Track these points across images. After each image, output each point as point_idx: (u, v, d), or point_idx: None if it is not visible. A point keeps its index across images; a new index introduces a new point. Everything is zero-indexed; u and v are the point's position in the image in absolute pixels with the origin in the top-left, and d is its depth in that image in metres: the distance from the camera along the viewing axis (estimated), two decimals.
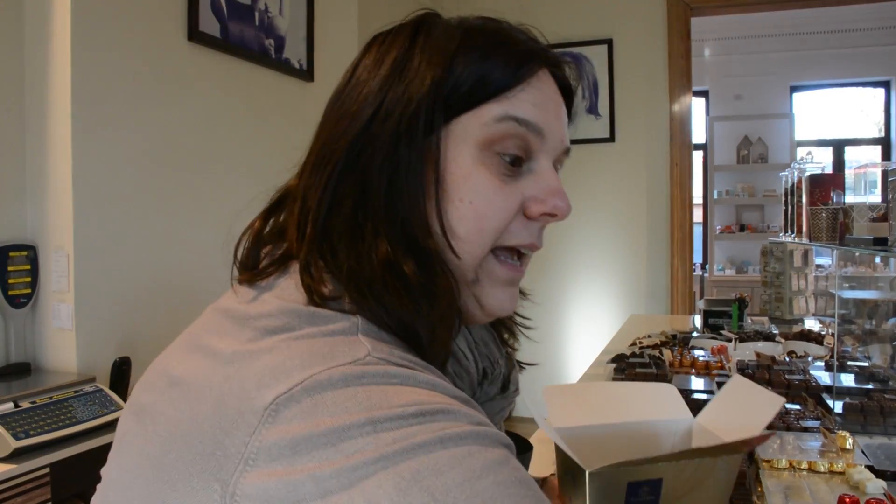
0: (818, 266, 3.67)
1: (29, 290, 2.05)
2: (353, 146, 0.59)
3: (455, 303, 0.58)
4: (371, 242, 0.56)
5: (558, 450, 0.73)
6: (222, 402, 0.48)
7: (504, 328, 0.75)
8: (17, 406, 1.71)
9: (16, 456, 1.61)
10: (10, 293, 2.00)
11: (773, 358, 2.34)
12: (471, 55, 0.60)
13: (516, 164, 0.61)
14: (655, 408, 0.81)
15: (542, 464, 0.97)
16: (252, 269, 0.60)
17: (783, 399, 0.66)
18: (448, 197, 0.59)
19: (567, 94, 0.68)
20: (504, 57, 0.61)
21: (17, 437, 1.61)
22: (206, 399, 0.49)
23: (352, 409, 0.45)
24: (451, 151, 0.59)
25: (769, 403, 0.73)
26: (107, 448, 1.64)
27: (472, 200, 0.59)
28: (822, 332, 2.84)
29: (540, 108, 0.61)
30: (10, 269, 2.00)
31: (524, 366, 0.78)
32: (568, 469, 0.72)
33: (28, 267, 2.05)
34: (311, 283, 0.55)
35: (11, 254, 2.01)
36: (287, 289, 0.56)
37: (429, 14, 0.65)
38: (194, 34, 2.44)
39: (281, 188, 0.66)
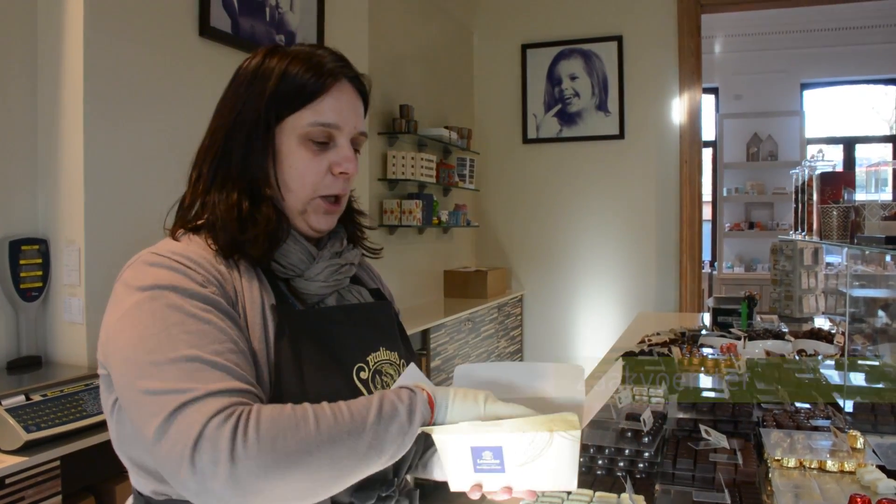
0: (828, 264, 3.65)
1: (40, 284, 2.06)
2: (226, 137, 0.99)
3: (273, 226, 0.97)
4: (228, 194, 0.97)
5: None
6: None
7: (350, 226, 1.14)
8: (28, 399, 1.71)
9: (27, 448, 1.62)
10: (22, 286, 2.01)
11: (782, 356, 2.33)
12: (293, 74, 0.97)
13: (324, 144, 0.98)
14: (554, 386, 0.95)
15: None
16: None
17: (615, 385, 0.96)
18: (282, 166, 0.98)
19: (363, 94, 1.05)
20: (313, 75, 0.97)
21: (28, 430, 1.62)
22: None
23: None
24: (283, 138, 0.98)
25: (608, 389, 1.00)
26: None
27: (296, 167, 0.98)
28: (833, 331, 2.82)
29: (337, 110, 0.98)
30: (21, 262, 2.01)
31: (372, 251, 1.18)
32: None
33: (40, 261, 2.06)
34: (179, 222, 1.01)
35: (23, 247, 2.02)
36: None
37: (276, 44, 1.03)
38: (206, 29, 2.45)
39: None
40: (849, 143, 7.23)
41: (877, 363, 2.12)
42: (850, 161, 7.14)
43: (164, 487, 0.90)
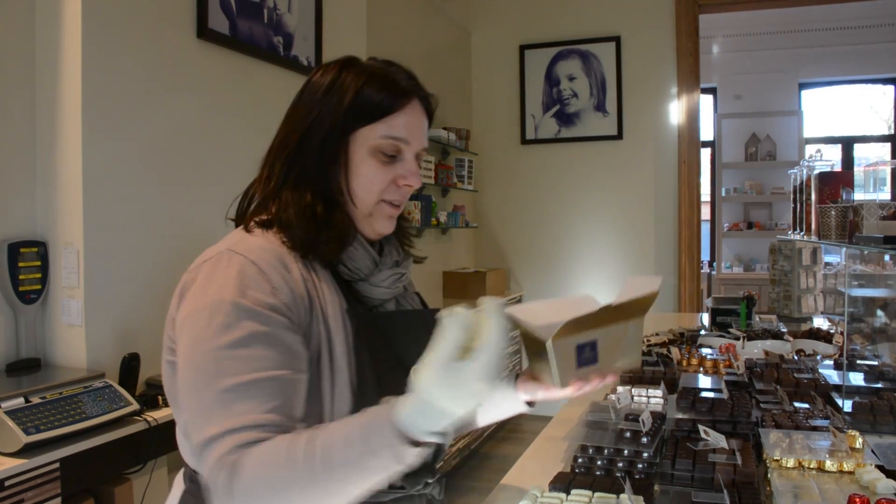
0: (827, 264, 3.65)
1: (39, 286, 2.06)
2: (300, 140, 1.04)
3: (346, 229, 1.03)
4: (302, 195, 1.03)
5: (524, 342, 1.09)
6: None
7: (401, 239, 1.20)
8: (27, 401, 1.71)
9: (26, 451, 1.62)
10: (21, 289, 2.01)
11: (781, 356, 2.33)
12: (370, 90, 1.03)
13: (392, 157, 1.05)
14: (581, 308, 1.12)
15: None
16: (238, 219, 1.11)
17: (660, 277, 1.07)
18: (352, 173, 1.05)
19: (428, 112, 1.12)
20: (388, 92, 1.04)
21: (27, 433, 1.62)
22: None
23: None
24: (355, 147, 1.04)
25: (652, 280, 1.10)
26: (116, 444, 1.71)
27: (365, 176, 1.04)
28: (831, 331, 2.83)
29: (408, 126, 1.05)
30: (20, 264, 2.01)
31: (419, 259, 1.23)
32: (534, 351, 1.05)
33: (38, 263, 2.06)
34: (251, 215, 1.07)
35: (22, 250, 2.02)
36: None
37: (350, 57, 1.09)
38: (204, 31, 2.45)
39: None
40: (847, 143, 7.24)
41: (875, 363, 2.12)
42: (848, 161, 7.15)
43: None
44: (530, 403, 1.24)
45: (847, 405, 1.74)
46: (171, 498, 1.08)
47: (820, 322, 3.28)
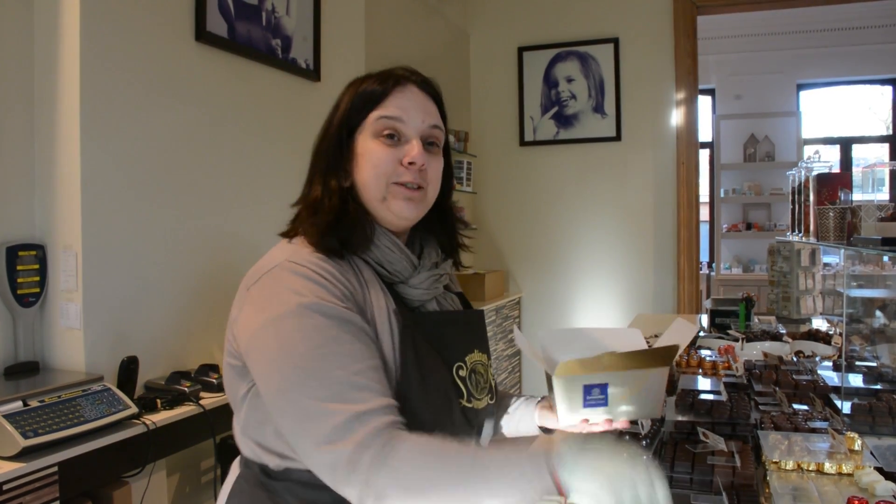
0: (826, 265, 3.65)
1: (38, 290, 2.06)
2: (319, 159, 1.13)
3: (358, 217, 1.08)
4: (313, 193, 1.10)
5: (547, 369, 1.11)
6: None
7: (444, 238, 1.24)
8: (25, 405, 1.71)
9: (24, 454, 1.61)
10: (19, 292, 2.01)
11: (780, 358, 2.33)
12: (365, 86, 1.11)
13: (394, 139, 1.09)
14: (623, 343, 1.14)
15: None
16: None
17: (696, 327, 1.06)
18: (359, 161, 1.10)
19: (434, 97, 1.18)
20: (381, 81, 1.11)
21: (25, 436, 1.61)
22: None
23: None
24: (361, 139, 1.10)
25: (688, 330, 1.11)
26: (115, 447, 1.72)
27: (370, 159, 1.09)
28: (830, 332, 2.83)
29: (401, 107, 1.10)
30: (18, 268, 2.00)
31: (462, 265, 1.26)
32: (549, 382, 1.07)
33: (37, 266, 2.05)
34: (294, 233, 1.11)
35: (20, 253, 2.02)
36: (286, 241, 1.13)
37: (353, 80, 1.16)
38: (202, 34, 2.44)
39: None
40: (846, 144, 7.24)
41: (874, 364, 2.12)
42: (846, 161, 7.15)
43: (286, 463, 1.05)
44: (544, 429, 1.31)
45: (846, 407, 1.74)
46: (227, 482, 1.16)
47: (819, 323, 3.28)
